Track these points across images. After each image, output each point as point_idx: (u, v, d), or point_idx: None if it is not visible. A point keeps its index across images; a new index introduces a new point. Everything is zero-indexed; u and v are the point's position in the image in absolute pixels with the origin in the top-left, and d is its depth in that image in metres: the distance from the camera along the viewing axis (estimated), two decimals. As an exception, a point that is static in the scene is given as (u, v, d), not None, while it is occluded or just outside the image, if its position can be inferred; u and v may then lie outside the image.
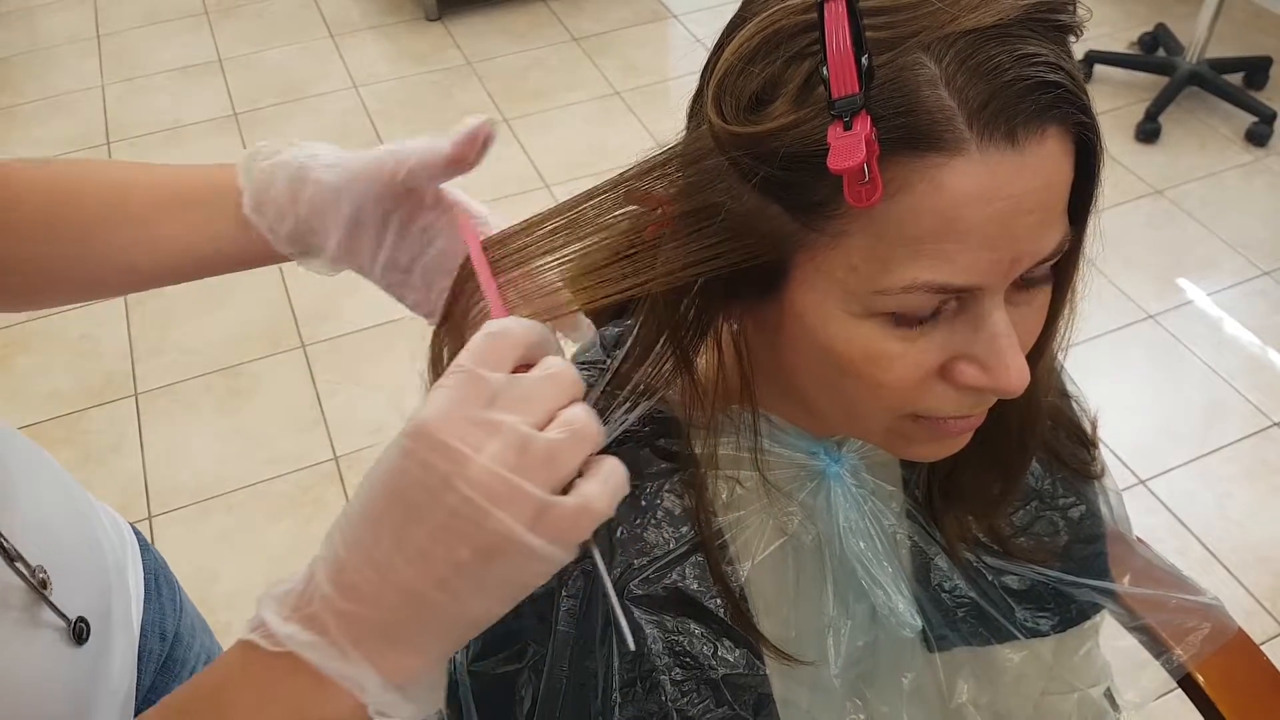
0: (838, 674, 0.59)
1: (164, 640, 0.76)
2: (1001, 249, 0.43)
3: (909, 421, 0.50)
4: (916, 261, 0.43)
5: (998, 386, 0.46)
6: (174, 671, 0.77)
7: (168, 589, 0.79)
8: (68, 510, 0.67)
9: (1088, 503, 0.65)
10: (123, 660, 0.69)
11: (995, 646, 0.62)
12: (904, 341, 0.46)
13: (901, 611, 0.57)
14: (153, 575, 0.78)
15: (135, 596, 0.74)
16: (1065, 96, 0.42)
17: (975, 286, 0.44)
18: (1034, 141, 0.42)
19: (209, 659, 0.83)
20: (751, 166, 0.44)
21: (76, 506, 0.69)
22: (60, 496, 0.67)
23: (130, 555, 0.76)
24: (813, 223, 0.44)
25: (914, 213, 0.42)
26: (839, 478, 0.59)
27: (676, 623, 0.56)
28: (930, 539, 0.61)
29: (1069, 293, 0.51)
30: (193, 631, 0.81)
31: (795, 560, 0.59)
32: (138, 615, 0.74)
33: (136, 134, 2.65)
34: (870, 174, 0.40)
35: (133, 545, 0.77)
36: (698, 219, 0.47)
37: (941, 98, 0.41)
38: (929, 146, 0.41)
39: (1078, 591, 0.63)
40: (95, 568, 0.67)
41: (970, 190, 0.42)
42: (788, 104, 0.43)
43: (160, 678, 0.76)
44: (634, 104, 2.71)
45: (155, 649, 0.75)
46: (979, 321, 0.46)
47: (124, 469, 1.86)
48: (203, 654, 0.82)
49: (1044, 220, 0.44)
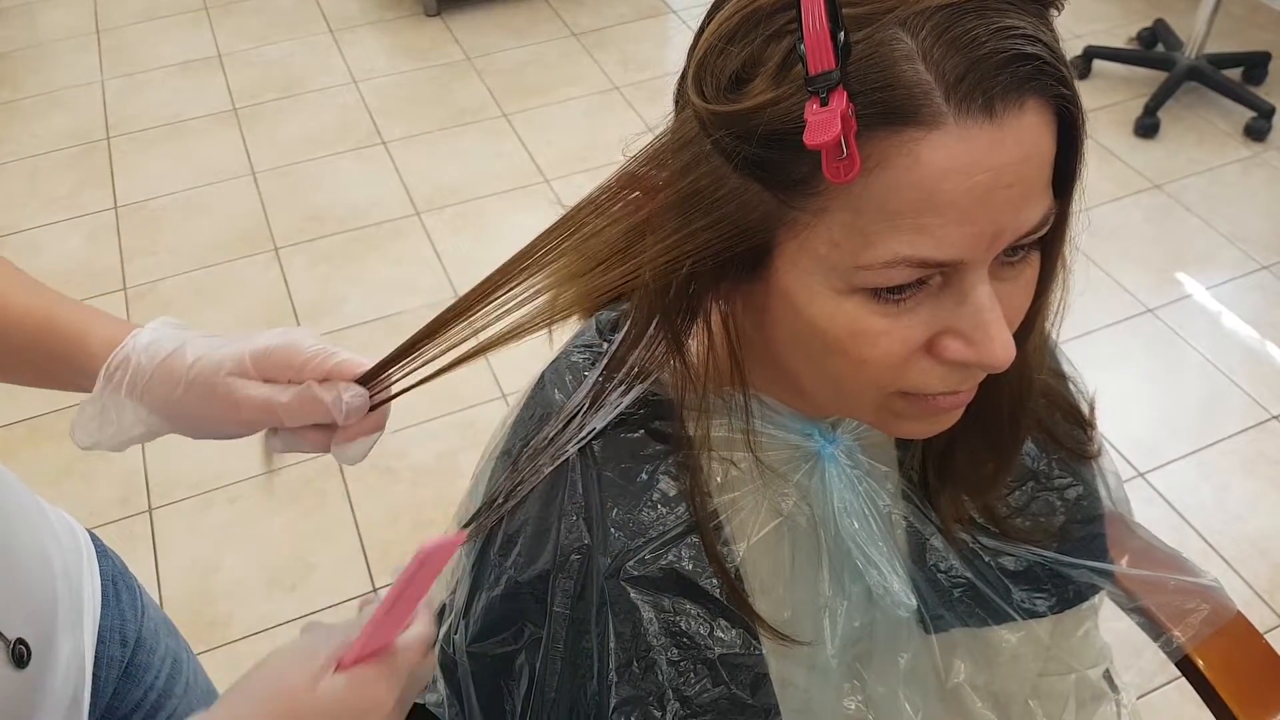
0: (834, 654, 0.59)
1: (124, 646, 0.76)
2: (981, 222, 0.43)
3: (898, 398, 0.50)
4: (896, 236, 0.43)
5: (983, 360, 0.47)
6: (136, 677, 0.77)
7: (127, 593, 0.78)
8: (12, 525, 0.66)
9: (1085, 483, 0.66)
10: (66, 670, 0.68)
11: (992, 627, 0.62)
12: (888, 318, 0.46)
13: (896, 591, 0.58)
14: (110, 581, 0.77)
15: (91, 605, 0.73)
16: (1044, 68, 0.43)
17: (957, 261, 0.44)
18: (1012, 114, 0.42)
19: (175, 663, 0.82)
20: (733, 146, 0.44)
21: (26, 519, 0.68)
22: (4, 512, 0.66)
23: (86, 562, 0.75)
24: (794, 200, 0.45)
25: (893, 187, 0.42)
26: (833, 458, 0.59)
27: (673, 602, 0.56)
28: (926, 519, 0.61)
29: (1057, 268, 0.51)
30: (156, 635, 0.80)
31: (790, 541, 0.59)
32: (93, 623, 0.73)
33: (136, 129, 2.64)
34: (848, 149, 0.40)
35: (89, 551, 0.76)
36: (684, 203, 0.47)
37: (918, 72, 0.41)
38: (906, 121, 0.41)
39: (1075, 572, 0.63)
40: (40, 582, 0.67)
41: (948, 164, 0.42)
42: (766, 82, 0.43)
43: (123, 683, 0.75)
44: (633, 99, 2.71)
45: (116, 655, 0.74)
46: (963, 296, 0.46)
47: (124, 462, 1.86)
48: (168, 657, 0.81)
49: (1025, 193, 0.44)
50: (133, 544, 1.73)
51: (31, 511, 0.69)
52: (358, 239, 2.31)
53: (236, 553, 1.73)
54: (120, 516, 1.78)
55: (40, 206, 2.42)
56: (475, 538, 0.61)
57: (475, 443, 1.87)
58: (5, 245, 2.31)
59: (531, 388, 0.64)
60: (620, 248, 0.51)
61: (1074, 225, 0.49)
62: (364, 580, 1.68)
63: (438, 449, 1.87)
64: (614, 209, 0.52)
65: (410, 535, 1.74)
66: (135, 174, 2.50)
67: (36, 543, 0.68)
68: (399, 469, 1.84)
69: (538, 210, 2.38)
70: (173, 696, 0.81)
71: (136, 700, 0.77)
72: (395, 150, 2.57)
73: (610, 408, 0.56)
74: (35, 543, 0.68)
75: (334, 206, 2.39)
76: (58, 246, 2.31)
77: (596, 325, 0.62)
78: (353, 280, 2.20)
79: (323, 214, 2.37)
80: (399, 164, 2.52)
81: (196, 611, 1.64)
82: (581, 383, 0.59)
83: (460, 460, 1.85)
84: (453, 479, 1.82)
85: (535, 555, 0.57)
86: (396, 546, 1.73)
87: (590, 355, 0.61)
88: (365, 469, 1.84)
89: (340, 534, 1.75)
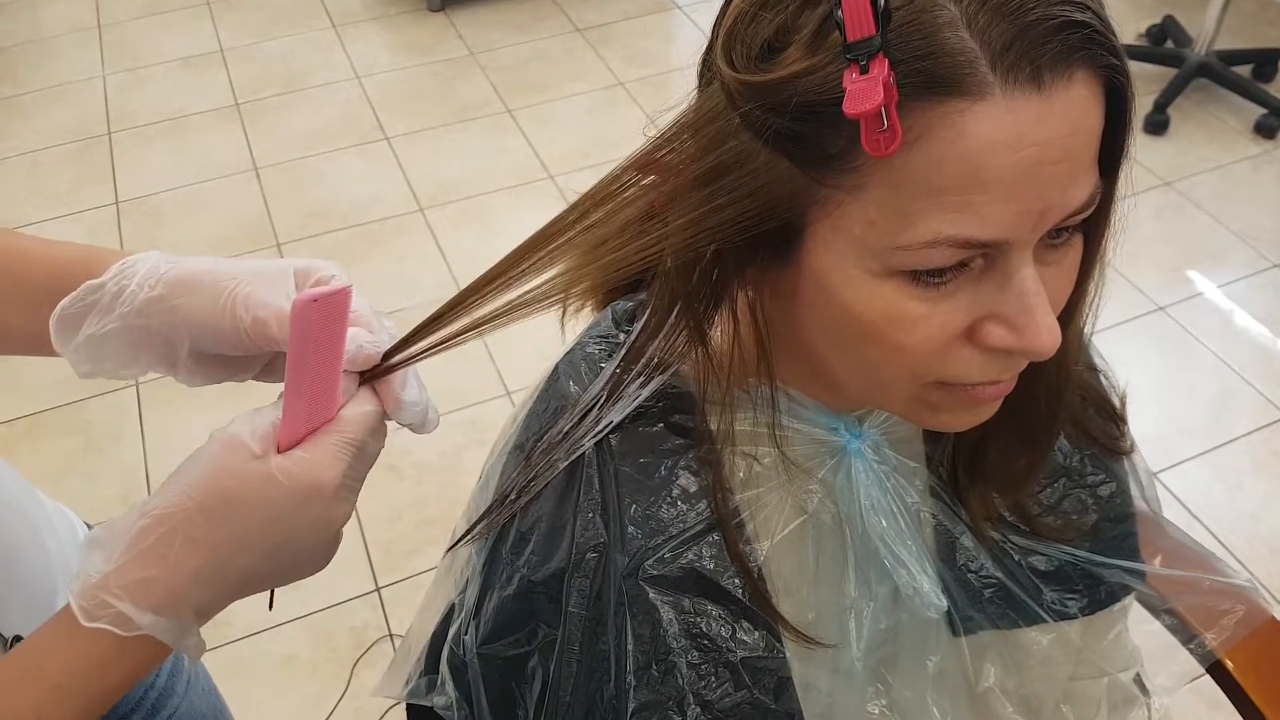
0: (859, 657, 0.57)
1: None
2: (1028, 200, 0.41)
3: (934, 389, 0.48)
4: (939, 214, 0.41)
5: (1027, 347, 0.44)
6: None
7: None
8: (8, 517, 0.64)
9: (1118, 480, 0.64)
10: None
11: (1022, 629, 0.60)
12: (927, 302, 0.44)
13: (926, 592, 0.55)
14: None
15: None
16: (1093, 37, 0.41)
17: (1002, 240, 0.42)
18: (1061, 85, 0.40)
19: (176, 660, 0.80)
20: (763, 119, 0.42)
21: (22, 511, 0.66)
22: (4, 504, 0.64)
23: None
24: (828, 177, 0.43)
25: (935, 162, 0.40)
26: (860, 454, 0.57)
27: (694, 603, 0.54)
28: (955, 517, 0.59)
29: (1100, 252, 0.49)
30: None
31: (815, 539, 0.57)
32: None
33: (138, 124, 2.63)
34: (889, 120, 0.38)
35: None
36: (709, 183, 0.45)
37: (963, 39, 0.39)
38: (950, 91, 0.39)
39: (1107, 572, 0.61)
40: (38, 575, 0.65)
41: (994, 137, 0.40)
42: (801, 50, 0.41)
43: None
44: (637, 95, 2.69)
45: None
46: (1006, 279, 0.44)
47: (125, 459, 1.84)
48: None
49: (1072, 170, 0.42)
50: (133, 542, 1.71)
51: (28, 503, 0.68)
52: (360, 235, 2.29)
53: (238, 551, 1.71)
54: (120, 514, 1.76)
55: (41, 202, 2.40)
56: (487, 535, 0.59)
57: (479, 440, 1.86)
58: (5, 240, 2.29)
59: (545, 380, 0.62)
60: (636, 230, 0.49)
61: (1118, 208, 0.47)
62: (367, 579, 1.66)
63: (441, 447, 1.85)
64: (627, 193, 0.50)
65: (413, 533, 1.72)
66: (137, 169, 2.48)
67: (34, 535, 0.66)
68: (402, 467, 1.83)
69: (542, 206, 2.36)
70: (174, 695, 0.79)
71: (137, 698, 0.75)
72: (398, 146, 2.55)
73: (628, 400, 0.54)
74: (32, 535, 0.66)
75: (336, 203, 2.38)
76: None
77: (613, 316, 0.60)
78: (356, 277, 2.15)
79: (325, 210, 2.36)
80: (402, 160, 2.50)
81: (197, 610, 1.62)
82: (597, 375, 0.57)
83: (464, 458, 1.83)
84: (456, 477, 1.80)
85: (549, 553, 0.55)
86: (399, 545, 1.71)
87: (607, 346, 0.59)
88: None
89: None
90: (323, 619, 1.61)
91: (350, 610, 1.62)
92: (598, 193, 0.50)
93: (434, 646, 0.64)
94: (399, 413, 0.52)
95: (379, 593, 1.64)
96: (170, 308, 0.51)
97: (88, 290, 0.51)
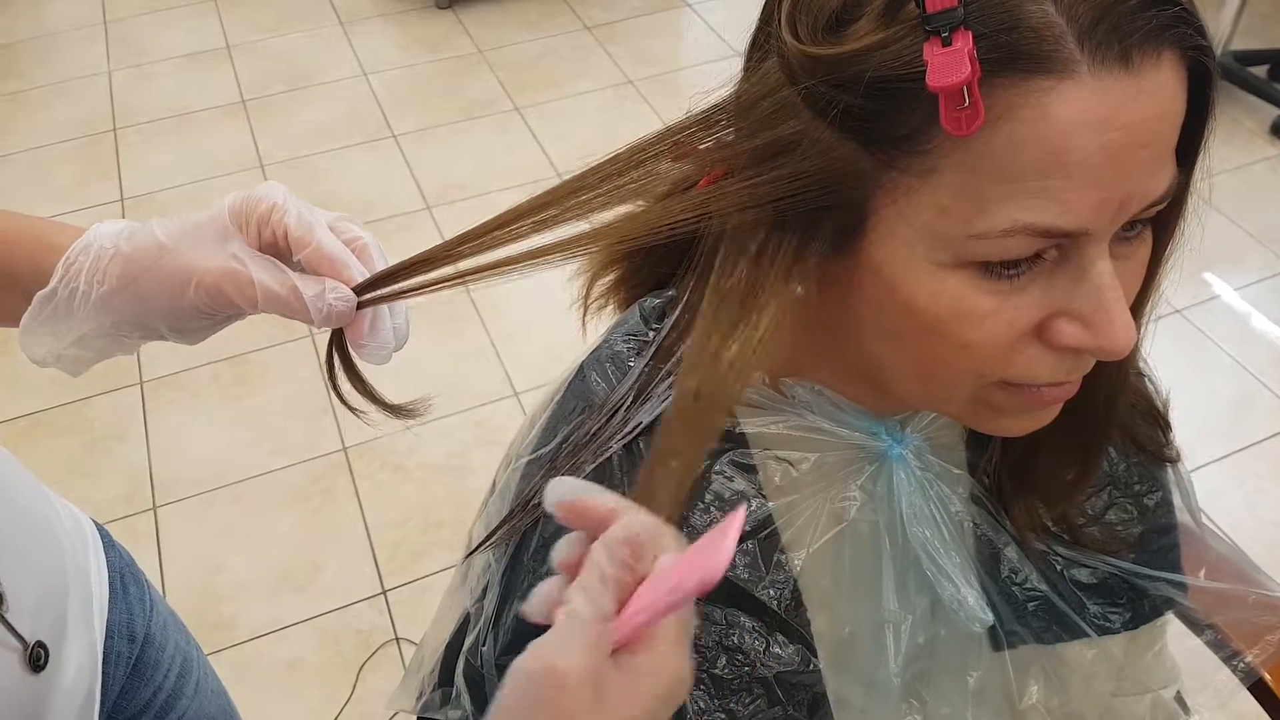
0: (896, 672, 0.54)
1: (133, 642, 0.72)
2: (1112, 187, 0.39)
3: (997, 389, 0.45)
4: (1017, 200, 0.39)
5: (1102, 346, 0.42)
6: (145, 674, 0.73)
7: (135, 587, 0.75)
8: (26, 519, 0.62)
9: (1164, 489, 0.61)
10: (79, 666, 0.64)
11: (1066, 644, 0.58)
12: (997, 296, 0.41)
13: (972, 605, 0.53)
14: (118, 574, 0.73)
15: (99, 597, 0.69)
16: (1182, 15, 0.39)
17: (1081, 231, 0.40)
18: (1149, 65, 0.38)
19: (185, 662, 0.78)
20: (829, 96, 0.40)
21: (37, 510, 0.64)
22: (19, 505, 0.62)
23: (93, 554, 0.71)
24: (897, 160, 0.40)
25: (1016, 144, 0.38)
26: (902, 460, 0.54)
27: (725, 614, 0.51)
28: (999, 527, 0.56)
29: (1170, 248, 0.46)
30: (165, 632, 0.77)
31: (852, 549, 0.54)
32: (101, 616, 0.69)
33: (143, 120, 2.61)
34: (970, 97, 0.35)
35: (95, 544, 0.72)
36: (760, 165, 0.42)
37: (1048, 13, 0.37)
38: (1034, 68, 0.37)
39: (1152, 585, 0.59)
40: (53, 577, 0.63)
41: (1081, 118, 0.37)
42: (873, 21, 0.39)
43: (131, 680, 0.72)
44: (647, 93, 2.67)
45: (124, 651, 0.71)
46: (1081, 273, 0.41)
47: (129, 458, 1.82)
48: (178, 656, 0.77)
49: (1156, 156, 0.40)
50: (137, 542, 1.69)
51: (42, 504, 0.66)
52: (367, 233, 2.27)
53: (242, 552, 1.69)
54: (125, 514, 1.74)
55: (46, 198, 2.38)
56: (508, 542, 0.57)
57: (486, 441, 1.83)
58: (9, 237, 2.28)
59: (569, 379, 0.59)
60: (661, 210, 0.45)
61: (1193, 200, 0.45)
62: (373, 581, 1.64)
63: (448, 447, 1.83)
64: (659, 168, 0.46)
65: (420, 535, 1.70)
66: (142, 166, 2.47)
67: (50, 535, 0.64)
68: (409, 467, 1.80)
69: (550, 205, 2.34)
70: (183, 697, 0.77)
71: (145, 700, 0.73)
72: (405, 144, 2.53)
73: (657, 401, 0.52)
74: (49, 535, 0.64)
75: (343, 200, 2.35)
76: (62, 238, 2.28)
77: (641, 312, 0.58)
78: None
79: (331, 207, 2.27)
80: (409, 157, 2.48)
81: (201, 613, 1.60)
82: (625, 373, 0.54)
83: (471, 459, 1.81)
84: (463, 477, 1.78)
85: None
86: (405, 546, 1.69)
87: (635, 344, 0.56)
88: (374, 467, 1.80)
89: (348, 533, 1.71)
90: (329, 621, 1.59)
91: (356, 613, 1.60)
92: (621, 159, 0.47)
93: (448, 658, 0.61)
94: (362, 350, 0.50)
95: (385, 596, 1.62)
96: (129, 298, 0.49)
97: (41, 303, 0.50)
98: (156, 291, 0.49)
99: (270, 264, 0.48)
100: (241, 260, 0.48)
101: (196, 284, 0.48)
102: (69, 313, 0.50)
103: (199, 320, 0.51)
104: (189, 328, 0.52)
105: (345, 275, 0.49)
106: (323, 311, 0.48)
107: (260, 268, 0.48)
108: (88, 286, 0.49)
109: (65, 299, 0.50)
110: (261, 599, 1.62)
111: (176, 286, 0.48)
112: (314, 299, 0.48)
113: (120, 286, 0.49)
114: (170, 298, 0.49)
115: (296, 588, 1.63)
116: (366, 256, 0.51)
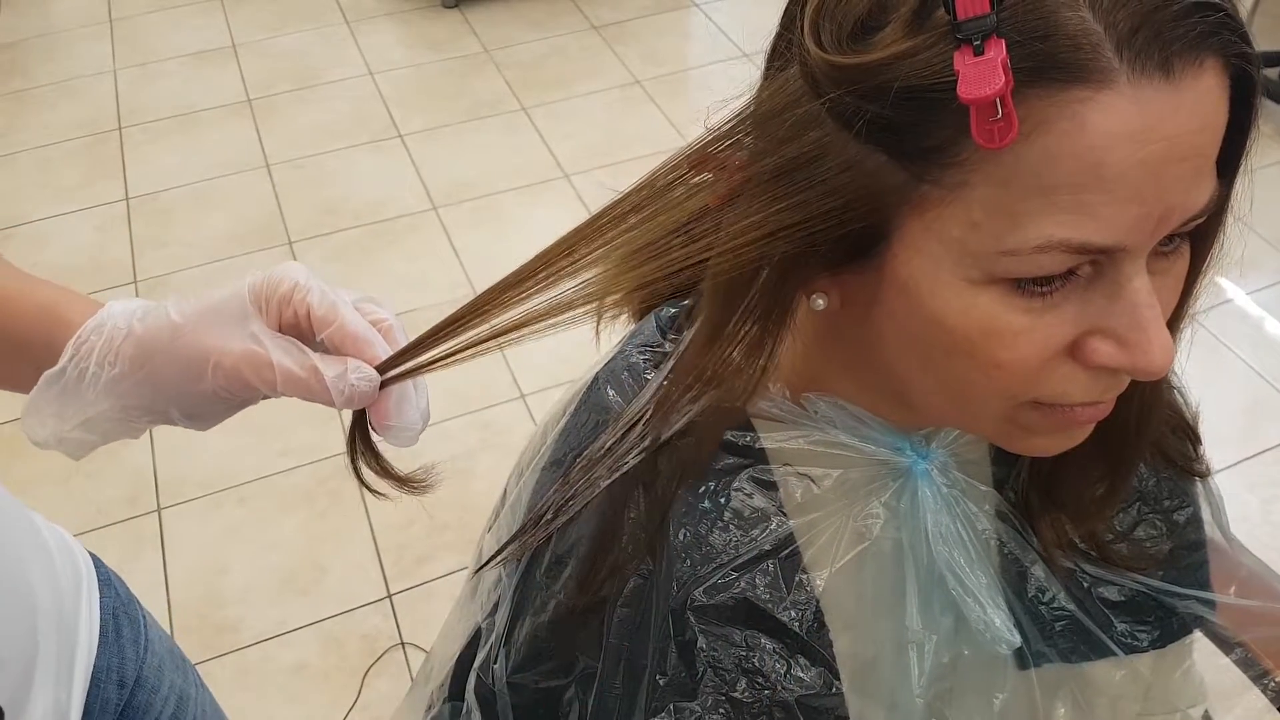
0: (919, 693, 0.53)
1: (122, 687, 0.69)
2: (1151, 202, 0.37)
3: (1029, 409, 0.44)
4: (1052, 215, 0.37)
5: (1138, 365, 0.40)
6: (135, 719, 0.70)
7: (129, 628, 0.71)
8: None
9: (1194, 505, 0.60)
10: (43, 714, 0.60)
11: (1092, 663, 0.56)
12: (1029, 314, 0.40)
13: (999, 626, 0.51)
14: (111, 615, 0.69)
15: (86, 645, 0.66)
16: (1225, 22, 0.37)
17: (1118, 247, 0.38)
18: (1190, 75, 0.36)
19: (180, 701, 0.75)
20: (854, 107, 0.38)
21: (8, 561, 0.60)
22: None
23: (85, 594, 0.68)
24: (926, 172, 0.39)
25: (1051, 156, 0.36)
26: (927, 476, 0.53)
27: (745, 636, 0.50)
28: (1026, 545, 0.55)
29: (1208, 263, 0.45)
30: (160, 672, 0.73)
31: (875, 568, 0.53)
32: (87, 665, 0.66)
33: (149, 119, 2.60)
34: (1004, 109, 0.34)
35: (90, 580, 0.69)
36: (783, 179, 0.41)
37: (1085, 20, 0.35)
38: (1071, 78, 0.35)
39: (1181, 603, 0.57)
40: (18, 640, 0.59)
41: (1119, 130, 0.36)
42: (901, 29, 0.37)
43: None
44: (654, 93, 2.65)
45: (112, 697, 0.68)
46: (1116, 290, 0.40)
47: (133, 460, 1.81)
48: (171, 696, 0.74)
49: (1198, 169, 0.38)
50: (141, 545, 1.68)
51: (20, 543, 0.62)
52: (373, 233, 2.26)
53: (247, 555, 1.67)
54: (128, 516, 1.73)
55: (50, 197, 2.37)
56: (520, 557, 0.55)
57: (492, 444, 1.82)
58: (14, 236, 2.27)
59: (583, 390, 0.58)
60: (685, 234, 0.44)
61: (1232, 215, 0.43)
62: (379, 584, 1.63)
63: (453, 450, 1.81)
64: (675, 193, 0.46)
65: (426, 538, 1.69)
66: (147, 165, 2.46)
67: (17, 594, 0.60)
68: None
69: (556, 205, 2.32)
70: None
71: None
72: (412, 143, 2.52)
73: (677, 416, 0.50)
74: (16, 595, 0.60)
75: (349, 200, 2.34)
76: (67, 238, 2.26)
77: (657, 322, 0.57)
78: (368, 276, 2.15)
79: (338, 207, 2.32)
80: (415, 157, 2.47)
81: (205, 616, 1.59)
82: (642, 386, 0.53)
83: (477, 461, 1.80)
84: (469, 481, 1.77)
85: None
86: (411, 549, 1.67)
87: (652, 356, 0.55)
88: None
89: (354, 536, 1.69)
90: (333, 626, 1.58)
91: (361, 617, 1.59)
92: (640, 192, 0.46)
93: (459, 672, 0.60)
94: (388, 432, 0.49)
95: (390, 600, 1.61)
96: (141, 381, 0.48)
97: (49, 382, 0.49)
98: (171, 374, 0.47)
99: (290, 345, 0.47)
100: (260, 341, 0.46)
101: (214, 366, 0.47)
102: (77, 394, 0.49)
103: (214, 404, 0.49)
104: (202, 412, 0.50)
105: (370, 354, 0.48)
106: (345, 393, 0.46)
107: (280, 349, 0.47)
108: (98, 368, 0.48)
109: (74, 379, 0.49)
110: (266, 602, 1.61)
111: (193, 369, 0.47)
112: (335, 380, 0.46)
113: (133, 369, 0.48)
114: (185, 381, 0.47)
115: (301, 591, 1.62)
116: (391, 338, 0.49)
